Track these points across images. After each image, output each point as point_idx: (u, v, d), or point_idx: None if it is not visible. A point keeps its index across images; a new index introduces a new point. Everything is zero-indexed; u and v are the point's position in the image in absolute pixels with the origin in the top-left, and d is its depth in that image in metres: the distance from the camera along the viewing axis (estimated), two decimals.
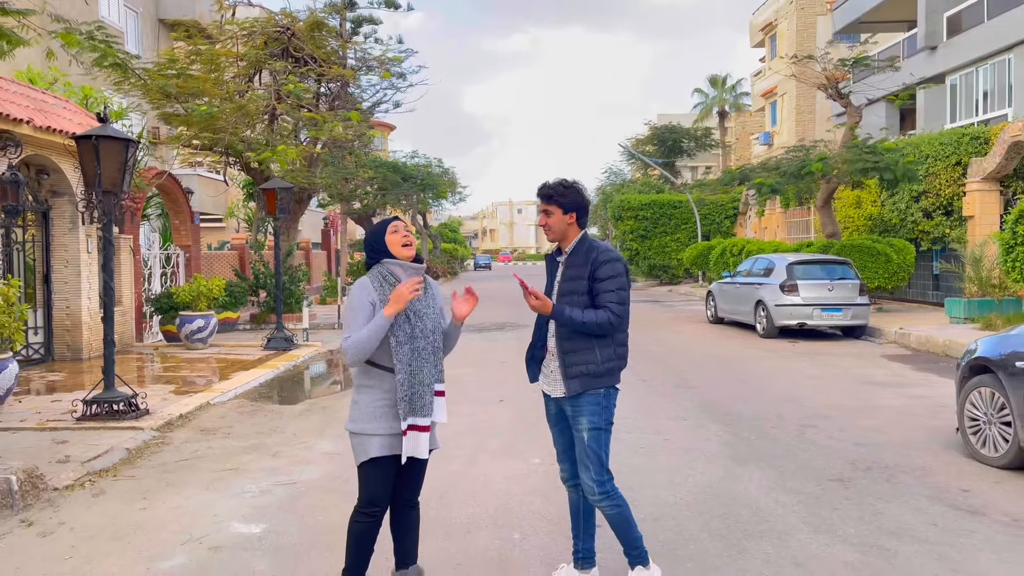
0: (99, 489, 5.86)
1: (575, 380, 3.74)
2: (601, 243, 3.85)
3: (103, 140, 7.57)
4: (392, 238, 3.67)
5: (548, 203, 3.82)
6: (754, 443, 6.93)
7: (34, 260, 12.30)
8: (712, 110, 51.65)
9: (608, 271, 3.72)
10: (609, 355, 3.77)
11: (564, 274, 3.83)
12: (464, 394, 9.47)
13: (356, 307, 3.58)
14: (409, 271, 3.69)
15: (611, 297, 3.70)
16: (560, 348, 3.77)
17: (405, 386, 3.53)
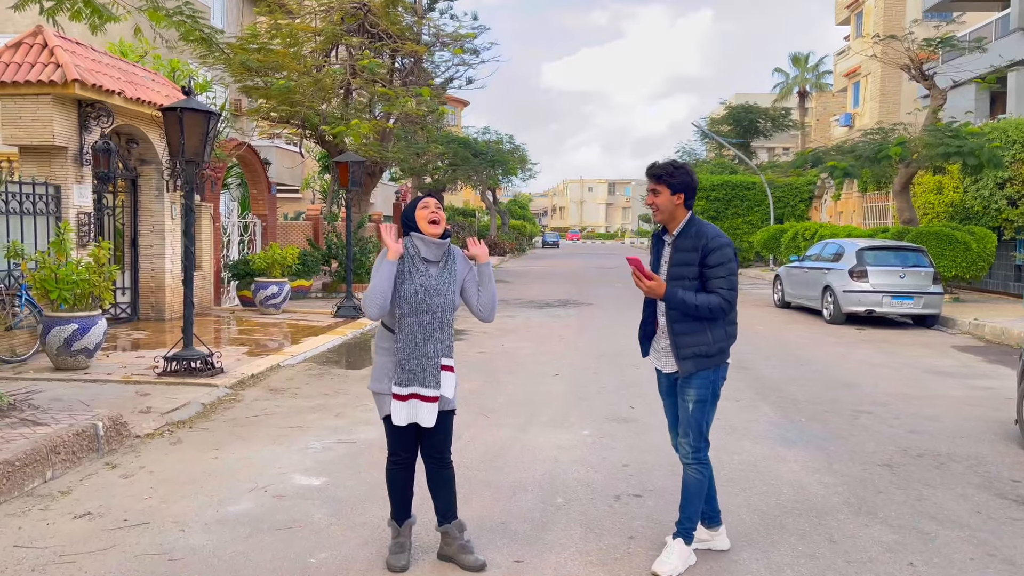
0: (176, 438, 6.31)
1: (687, 361, 3.89)
2: (709, 226, 3.93)
3: (187, 112, 8.00)
4: (421, 213, 3.87)
5: (657, 183, 3.90)
6: (804, 426, 6.96)
7: (123, 224, 13.02)
8: (793, 90, 50.32)
9: (718, 257, 3.81)
10: (720, 335, 3.91)
11: (673, 257, 3.90)
12: (521, 366, 9.70)
13: (374, 269, 3.88)
14: (431, 246, 3.88)
15: (722, 284, 3.80)
16: (672, 329, 3.90)
17: (404, 354, 3.80)
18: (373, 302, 3.79)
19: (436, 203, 3.94)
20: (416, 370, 3.80)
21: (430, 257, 3.87)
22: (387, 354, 3.89)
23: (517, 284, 24.13)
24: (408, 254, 3.84)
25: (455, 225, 42.68)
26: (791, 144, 55.19)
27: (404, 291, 3.79)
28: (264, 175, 17.07)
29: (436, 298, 3.83)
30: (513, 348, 11.16)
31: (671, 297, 3.81)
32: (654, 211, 3.95)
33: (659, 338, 4.09)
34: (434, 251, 3.88)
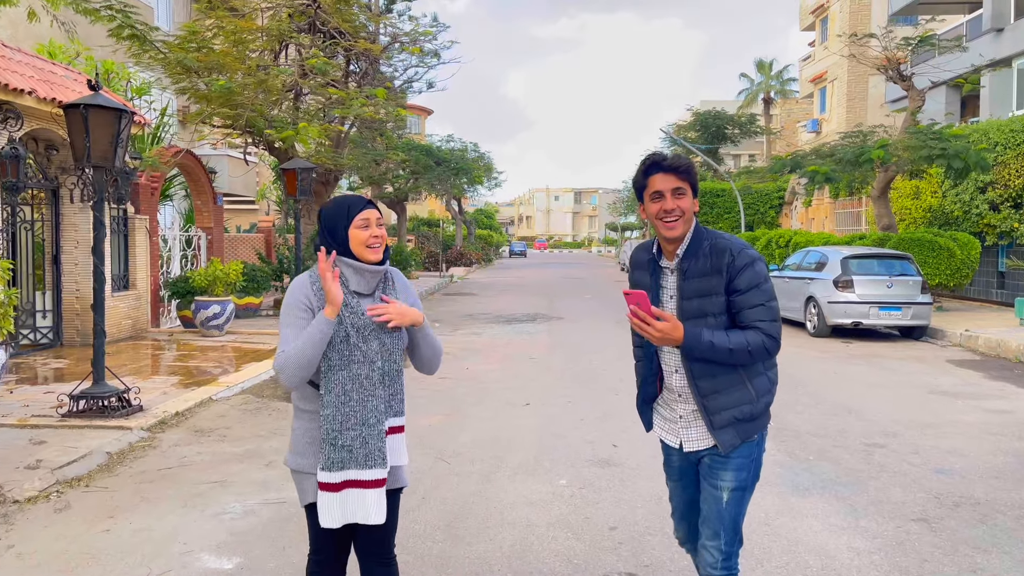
0: (64, 503, 5.16)
1: (727, 431, 2.81)
2: (724, 235, 2.87)
3: (92, 109, 6.86)
4: (357, 234, 2.77)
5: (679, 178, 2.78)
6: (814, 466, 6.01)
7: (43, 240, 11.76)
8: (758, 96, 50.04)
9: (752, 277, 2.73)
10: (764, 386, 2.85)
11: (684, 287, 2.81)
12: (487, 394, 8.66)
13: (289, 314, 2.77)
14: (365, 275, 2.81)
15: (761, 314, 2.74)
16: (696, 388, 2.82)
17: (334, 424, 2.72)
18: (295, 373, 2.68)
19: (377, 217, 2.83)
20: (353, 446, 2.72)
21: (361, 289, 2.82)
22: (310, 419, 2.81)
23: (484, 297, 23.09)
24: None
25: (420, 236, 41.52)
26: (757, 151, 55.00)
27: (331, 338, 2.73)
28: (208, 185, 15.85)
29: (372, 342, 2.76)
30: (479, 372, 10.12)
31: (695, 343, 2.71)
32: (672, 224, 2.77)
33: (669, 402, 2.99)
34: (368, 281, 2.83)
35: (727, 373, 2.80)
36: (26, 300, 11.40)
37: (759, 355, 2.75)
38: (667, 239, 2.83)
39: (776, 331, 2.76)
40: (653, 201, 2.81)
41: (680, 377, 2.89)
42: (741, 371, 2.81)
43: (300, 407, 2.85)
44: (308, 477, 2.79)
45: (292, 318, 2.74)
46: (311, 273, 2.82)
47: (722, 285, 2.75)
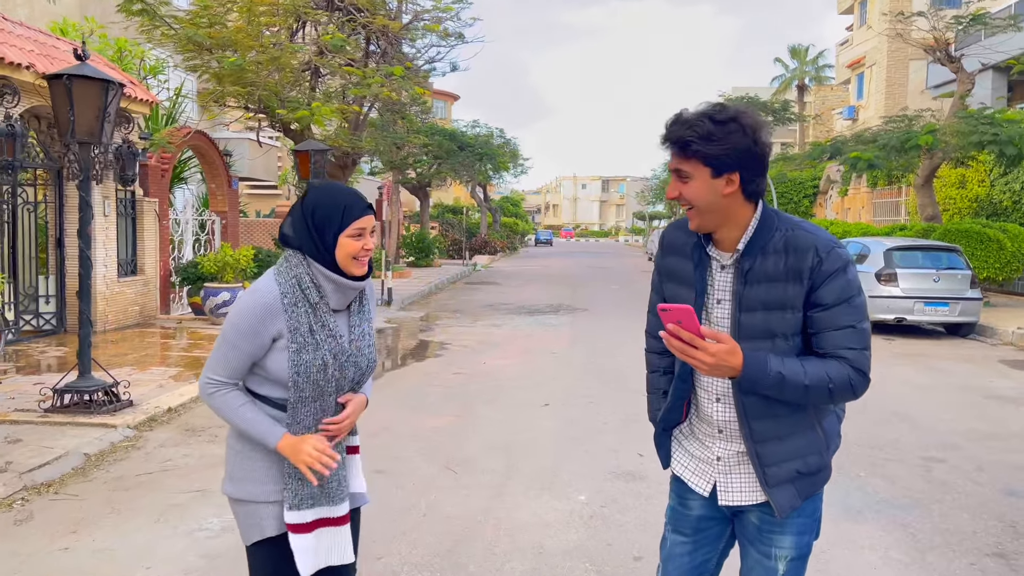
0: (27, 513, 4.65)
1: (786, 488, 2.11)
2: (806, 226, 2.09)
3: (77, 80, 6.32)
4: (348, 243, 2.23)
5: (683, 157, 2.02)
6: (867, 484, 5.34)
7: (46, 222, 11.34)
8: (792, 83, 48.78)
9: (842, 289, 2.01)
10: (835, 427, 2.19)
11: (744, 294, 2.06)
12: (503, 393, 8.06)
13: (237, 332, 2.22)
14: (347, 292, 2.30)
15: (849, 339, 2.02)
16: (750, 431, 2.11)
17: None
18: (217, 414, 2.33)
19: (373, 225, 2.32)
20: (324, 481, 2.28)
21: (339, 306, 2.32)
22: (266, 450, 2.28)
23: (507, 286, 22.49)
24: (306, 300, 2.24)
25: (444, 223, 40.97)
26: (790, 139, 53.70)
27: (303, 365, 2.21)
28: (223, 167, 15.37)
29: (350, 368, 2.31)
30: (496, 367, 9.51)
31: (758, 375, 1.97)
32: (685, 210, 2.09)
33: (702, 436, 2.24)
34: (348, 297, 2.33)
35: (793, 412, 2.09)
36: (28, 285, 10.99)
37: (842, 395, 2.02)
38: (694, 229, 2.12)
39: (867, 364, 2.04)
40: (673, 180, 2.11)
41: (725, 409, 2.16)
42: (810, 410, 2.11)
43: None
44: (266, 507, 2.26)
45: (248, 345, 2.21)
46: (278, 272, 2.26)
47: (801, 296, 2.02)
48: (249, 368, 2.24)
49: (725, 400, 2.14)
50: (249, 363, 2.22)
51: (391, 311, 15.56)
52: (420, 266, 28.54)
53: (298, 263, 2.25)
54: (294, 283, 2.22)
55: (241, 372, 2.24)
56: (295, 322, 2.19)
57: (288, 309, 2.20)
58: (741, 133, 1.97)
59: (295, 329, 2.19)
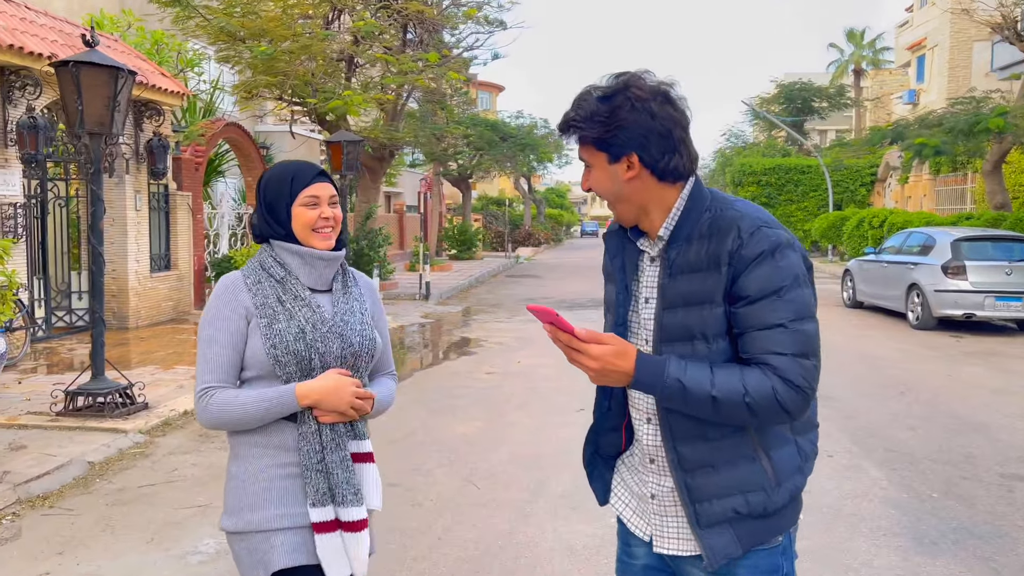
0: (15, 530, 4.33)
1: (720, 531, 1.69)
2: (740, 205, 1.71)
3: (84, 68, 6.01)
4: (302, 213, 2.05)
5: (579, 144, 1.74)
6: (941, 507, 4.72)
7: (78, 217, 11.20)
8: (848, 68, 47.16)
9: (768, 278, 1.61)
10: (791, 461, 1.72)
11: (666, 288, 1.70)
12: (536, 395, 7.58)
13: (209, 324, 2.02)
14: (315, 265, 2.08)
15: (776, 341, 1.60)
16: (677, 457, 1.71)
17: (312, 453, 2.00)
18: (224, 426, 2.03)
19: (331, 194, 2.09)
20: (334, 471, 2.01)
21: (315, 284, 2.10)
22: (262, 452, 2.02)
23: (549, 279, 21.98)
24: (271, 276, 2.05)
25: (487, 215, 40.56)
26: (845, 126, 52.02)
27: (277, 336, 1.98)
28: (260, 160, 15.16)
29: (334, 341, 2.03)
30: (531, 366, 9.03)
31: (652, 379, 1.61)
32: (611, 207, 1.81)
33: (638, 467, 1.85)
34: (321, 273, 2.10)
35: (728, 435, 1.67)
36: (61, 281, 10.88)
37: (767, 412, 1.59)
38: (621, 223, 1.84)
39: (801, 375, 1.59)
40: None
41: (654, 432, 1.76)
42: (752, 435, 1.68)
43: (244, 441, 2.03)
44: (271, 536, 1.98)
45: (223, 332, 2.00)
46: (245, 270, 2.08)
47: (720, 287, 1.64)
48: (238, 364, 2.00)
49: (655, 420, 1.75)
50: (235, 357, 1.99)
51: (428, 305, 15.20)
52: (462, 259, 28.19)
53: (261, 251, 2.10)
54: (256, 265, 2.06)
55: (229, 369, 1.99)
56: (261, 297, 2.00)
57: (251, 287, 2.02)
58: (630, 107, 1.65)
59: (263, 304, 2.00)
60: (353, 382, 2.00)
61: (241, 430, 2.01)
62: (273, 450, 2.00)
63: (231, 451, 2.06)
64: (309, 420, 1.98)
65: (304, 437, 1.98)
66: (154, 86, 10.95)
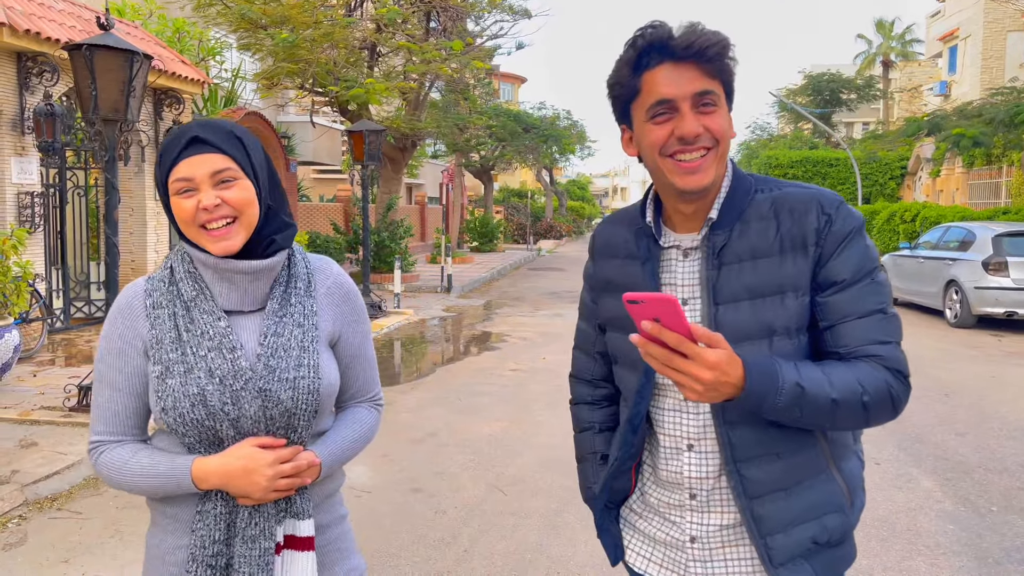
0: (20, 535, 4.13)
1: (797, 569, 1.41)
2: (795, 184, 1.46)
3: (98, 51, 5.79)
4: (178, 204, 1.42)
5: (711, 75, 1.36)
6: (1001, 521, 4.40)
7: (97, 206, 11.06)
8: (876, 60, 46.27)
9: (861, 258, 1.38)
10: (857, 473, 1.49)
11: (720, 283, 1.41)
12: (561, 394, 7.24)
13: (103, 362, 1.48)
14: (236, 283, 1.46)
15: (879, 330, 1.37)
16: (742, 486, 1.41)
17: (219, 534, 1.44)
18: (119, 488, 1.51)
19: (213, 171, 1.41)
20: (237, 569, 1.43)
21: (238, 305, 1.48)
22: (173, 527, 1.49)
23: (571, 272, 21.68)
24: (178, 296, 1.47)
25: (508, 207, 40.25)
26: (872, 118, 51.13)
27: (169, 396, 1.42)
28: (281, 150, 14.97)
29: (251, 401, 1.42)
30: (557, 363, 8.76)
31: (768, 388, 1.26)
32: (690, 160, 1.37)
33: (665, 509, 1.53)
34: (245, 290, 1.48)
35: (802, 449, 1.41)
36: (80, 271, 10.73)
37: (879, 412, 1.34)
38: (683, 192, 1.40)
39: (906, 364, 1.38)
40: (654, 121, 1.39)
41: (700, 461, 1.45)
42: (824, 446, 1.43)
43: (161, 509, 1.51)
44: None
45: (115, 372, 1.46)
46: (150, 285, 1.50)
47: (806, 272, 1.38)
48: (142, 410, 1.49)
49: (699, 446, 1.44)
50: (134, 403, 1.47)
51: (450, 298, 14.96)
52: (484, 251, 27.95)
53: (178, 248, 1.52)
54: (167, 275, 1.49)
55: (126, 419, 1.48)
56: (158, 331, 1.44)
57: (150, 312, 1.45)
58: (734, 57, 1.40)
59: (158, 341, 1.43)
60: (273, 458, 1.41)
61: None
62: (184, 526, 1.47)
63: (151, 518, 1.56)
64: (216, 497, 1.44)
65: (203, 518, 1.43)
66: (174, 74, 10.76)
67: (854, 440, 1.51)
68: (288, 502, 1.47)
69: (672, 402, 1.47)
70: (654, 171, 1.44)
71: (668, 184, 1.41)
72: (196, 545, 1.43)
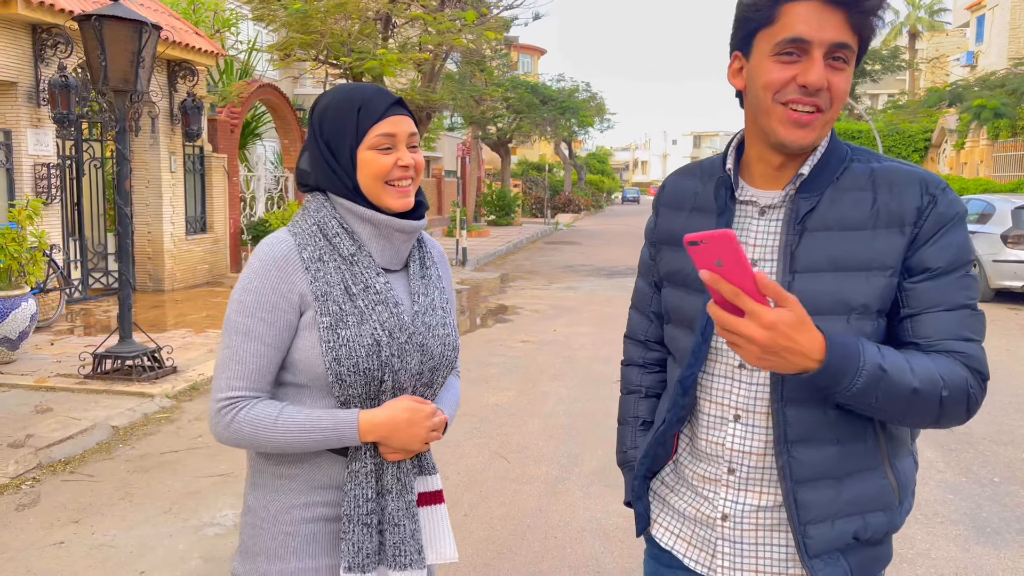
0: (34, 496, 4.24)
1: (835, 564, 1.34)
2: (895, 160, 1.37)
3: (107, 22, 5.83)
4: (373, 159, 1.47)
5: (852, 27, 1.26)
6: (1002, 492, 4.39)
7: (114, 178, 11.16)
8: (902, 29, 45.40)
9: (958, 248, 1.29)
10: (910, 473, 1.42)
11: (801, 247, 1.32)
12: (572, 365, 7.33)
13: (246, 312, 1.45)
14: (394, 241, 1.53)
15: (968, 326, 1.29)
16: (790, 468, 1.32)
17: (359, 497, 1.48)
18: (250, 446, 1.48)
19: (410, 131, 1.51)
20: (385, 528, 1.50)
21: (389, 264, 1.55)
22: (292, 486, 1.52)
23: (587, 246, 21.63)
24: (336, 253, 1.49)
25: (526, 180, 40.11)
26: (897, 89, 50.25)
27: (343, 346, 1.45)
28: (296, 123, 15.00)
29: (413, 355, 1.51)
30: (568, 335, 8.79)
31: (848, 364, 1.17)
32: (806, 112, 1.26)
33: (699, 483, 1.44)
34: (398, 250, 1.55)
35: (860, 439, 1.33)
36: (97, 242, 10.87)
37: (953, 411, 1.25)
38: (783, 145, 1.30)
39: (987, 366, 1.30)
40: (779, 59, 1.27)
41: (745, 434, 1.36)
42: (882, 440, 1.35)
43: (269, 470, 1.53)
44: None
45: (266, 326, 1.45)
46: (293, 226, 1.52)
47: (898, 251, 1.29)
48: (278, 367, 1.49)
49: (748, 419, 1.35)
50: (276, 359, 1.47)
51: (465, 271, 15.00)
52: (500, 225, 27.92)
53: (319, 206, 1.52)
54: (315, 231, 1.49)
55: (268, 376, 1.47)
56: (323, 284, 1.45)
57: (310, 265, 1.46)
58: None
59: (324, 294, 1.45)
60: (431, 410, 1.50)
61: (263, 452, 1.52)
62: (303, 485, 1.51)
63: (249, 476, 1.58)
64: (365, 456, 1.48)
65: (355, 478, 1.47)
66: (187, 45, 10.80)
67: (911, 439, 1.44)
68: (419, 458, 1.57)
69: (724, 368, 1.38)
70: (758, 112, 1.33)
71: (770, 131, 1.31)
72: (352, 505, 1.47)
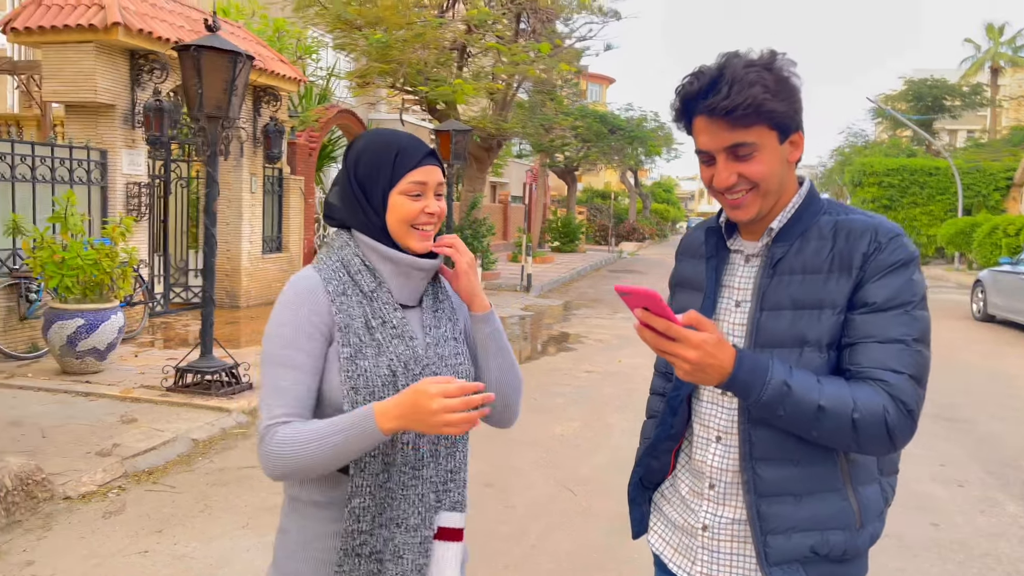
0: (120, 504, 4.43)
1: (790, 572, 1.48)
2: (863, 212, 1.54)
3: (205, 52, 6.12)
4: (402, 204, 1.57)
5: (746, 124, 1.44)
6: None
7: (198, 197, 11.62)
8: (984, 64, 44.16)
9: (900, 288, 1.44)
10: (876, 502, 1.53)
11: (769, 290, 1.51)
12: (637, 396, 7.29)
13: (284, 341, 1.53)
14: (414, 279, 1.63)
15: (895, 358, 1.41)
16: (754, 480, 1.50)
17: (361, 522, 1.52)
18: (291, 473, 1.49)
19: (439, 181, 1.62)
20: (384, 556, 1.54)
21: (406, 300, 1.64)
22: (321, 514, 1.58)
23: (652, 275, 21.50)
24: (357, 288, 1.58)
25: (591, 208, 40.14)
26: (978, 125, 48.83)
27: (361, 376, 1.53)
28: None
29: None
30: (632, 366, 8.75)
31: (755, 378, 1.37)
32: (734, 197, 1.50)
33: (688, 495, 1.64)
34: (416, 287, 1.65)
35: (819, 461, 1.48)
36: (179, 259, 11.31)
37: (871, 435, 1.38)
38: (734, 220, 1.58)
39: (914, 400, 1.40)
40: (703, 165, 1.54)
41: (723, 453, 1.55)
42: (843, 464, 1.49)
43: (301, 497, 1.60)
44: None
45: (304, 355, 1.52)
46: (320, 265, 1.60)
47: (845, 292, 1.46)
48: (315, 396, 1.54)
49: (727, 439, 1.55)
50: (313, 383, 1.53)
51: (529, 297, 15.08)
52: (564, 251, 28.00)
53: (343, 243, 1.62)
54: (338, 267, 1.59)
55: (308, 402, 1.53)
56: (346, 316, 1.54)
57: (335, 299, 1.55)
58: (796, 78, 1.48)
59: (347, 326, 1.53)
60: (435, 391, 1.40)
61: (304, 477, 1.53)
62: (336, 514, 1.55)
63: (285, 501, 1.63)
64: (368, 468, 1.50)
65: (352, 514, 1.50)
66: (272, 72, 11.22)
67: (880, 470, 1.54)
68: (447, 492, 1.59)
69: (709, 395, 1.59)
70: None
71: (725, 210, 1.60)
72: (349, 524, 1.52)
